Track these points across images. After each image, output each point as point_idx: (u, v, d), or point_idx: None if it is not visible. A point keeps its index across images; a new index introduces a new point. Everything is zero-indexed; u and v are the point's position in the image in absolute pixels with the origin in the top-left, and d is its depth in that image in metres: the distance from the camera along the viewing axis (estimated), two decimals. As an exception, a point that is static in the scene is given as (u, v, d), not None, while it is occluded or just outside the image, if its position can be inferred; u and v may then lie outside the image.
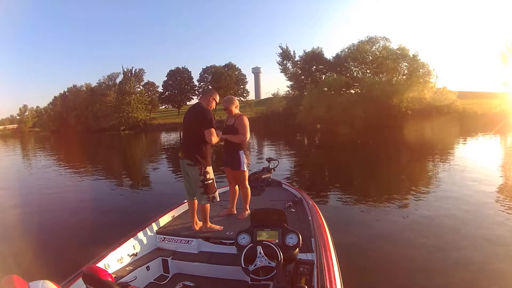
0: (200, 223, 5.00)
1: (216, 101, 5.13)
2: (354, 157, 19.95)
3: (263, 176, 7.89)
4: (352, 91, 45.58)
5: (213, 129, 4.73)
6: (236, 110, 5.57)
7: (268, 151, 25.73)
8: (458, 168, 13.98)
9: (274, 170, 8.35)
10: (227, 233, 4.76)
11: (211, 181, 4.82)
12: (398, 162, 17.94)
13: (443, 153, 19.12)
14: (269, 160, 8.58)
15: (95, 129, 70.46)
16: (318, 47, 51.04)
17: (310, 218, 4.95)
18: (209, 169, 4.84)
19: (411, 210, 8.94)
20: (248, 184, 5.77)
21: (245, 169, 5.54)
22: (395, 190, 11.39)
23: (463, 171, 13.21)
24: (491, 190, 10.32)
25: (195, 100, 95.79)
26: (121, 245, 4.28)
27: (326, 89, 44.30)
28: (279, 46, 51.71)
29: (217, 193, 4.92)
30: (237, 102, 5.65)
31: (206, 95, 5.13)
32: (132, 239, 4.48)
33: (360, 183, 12.78)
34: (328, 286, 2.99)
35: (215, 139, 4.80)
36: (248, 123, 5.48)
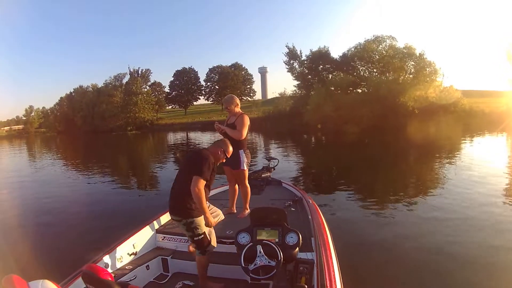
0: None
1: (226, 155, 4.50)
2: (359, 156, 19.84)
3: (263, 175, 7.88)
4: (359, 90, 45.53)
5: (201, 179, 3.89)
6: (237, 109, 5.60)
7: (274, 150, 25.68)
8: (465, 167, 13.83)
9: (274, 169, 8.35)
10: (227, 232, 4.76)
11: (202, 236, 4.04)
12: (404, 161, 17.83)
13: (450, 152, 18.99)
14: (269, 159, 8.60)
15: (101, 129, 70.85)
16: (324, 46, 50.79)
17: (310, 217, 4.95)
18: (199, 220, 4.02)
19: (413, 209, 8.89)
20: (248, 183, 5.79)
21: (245, 168, 5.57)
22: (398, 189, 11.35)
23: (469, 170, 13.03)
24: (497, 190, 10.21)
25: (202, 100, 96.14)
26: (120, 244, 4.30)
27: (333, 88, 44.33)
28: (286, 46, 51.50)
29: (211, 245, 4.15)
30: (238, 100, 5.67)
31: (216, 144, 4.50)
32: (132, 238, 4.49)
33: (362, 182, 12.69)
34: (328, 285, 2.98)
35: (198, 191, 3.84)
36: (247, 122, 5.51)
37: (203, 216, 4.03)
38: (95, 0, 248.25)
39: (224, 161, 4.58)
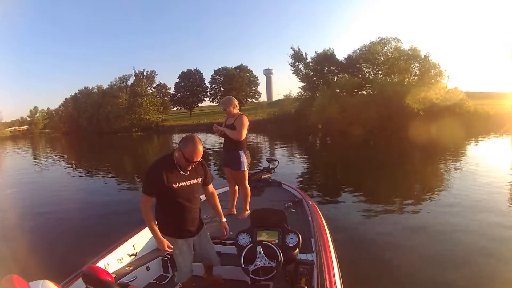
0: None
1: (185, 158, 3.45)
2: (363, 158, 19.81)
3: (263, 177, 7.95)
4: (364, 92, 45.43)
5: (143, 194, 3.50)
6: (235, 110, 5.59)
7: (278, 152, 25.60)
8: (470, 169, 13.80)
9: (274, 171, 8.38)
10: None
11: (170, 257, 3.79)
12: (408, 163, 17.71)
13: (455, 154, 18.93)
14: (269, 160, 8.65)
15: (107, 130, 70.86)
16: (329, 48, 50.50)
17: (310, 218, 4.97)
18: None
19: (415, 211, 8.84)
20: (248, 184, 5.80)
21: (245, 169, 5.57)
22: (400, 191, 11.31)
23: (474, 172, 12.97)
24: (502, 193, 10.16)
25: (207, 102, 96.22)
26: (121, 245, 4.31)
27: (338, 90, 44.27)
28: (291, 48, 51.07)
29: (181, 272, 3.70)
30: (236, 102, 5.66)
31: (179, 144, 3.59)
32: (132, 239, 4.51)
33: (364, 184, 12.66)
34: (328, 286, 3.01)
35: (141, 206, 3.54)
36: (247, 123, 5.50)
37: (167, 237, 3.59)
38: (98, 3, 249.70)
39: (189, 167, 3.57)
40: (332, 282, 3.12)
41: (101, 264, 3.86)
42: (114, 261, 4.12)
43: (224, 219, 4.07)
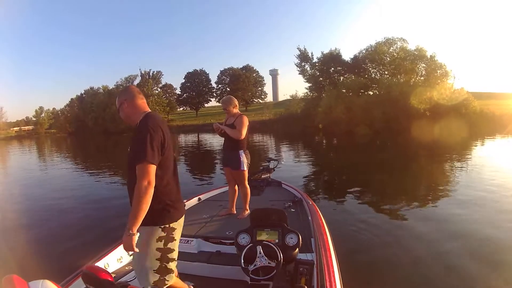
0: None
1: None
2: (368, 158, 19.71)
3: (263, 176, 7.96)
4: (371, 93, 45.50)
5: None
6: (235, 110, 5.61)
7: (282, 151, 25.40)
8: (476, 171, 13.61)
9: (274, 170, 8.42)
10: (227, 233, 4.76)
11: None
12: (413, 164, 17.54)
13: (461, 155, 18.80)
14: (269, 160, 8.71)
15: (112, 130, 70.75)
16: (335, 49, 50.62)
17: (310, 218, 4.96)
18: None
19: (416, 212, 8.71)
20: (248, 184, 5.80)
21: (245, 168, 5.57)
22: (402, 192, 11.20)
23: (481, 174, 12.79)
24: (508, 195, 10.06)
25: (213, 102, 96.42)
26: (121, 244, 4.30)
27: (344, 90, 44.38)
28: (297, 48, 51.20)
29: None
30: (236, 102, 5.69)
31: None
32: None
33: (366, 184, 12.47)
34: (328, 286, 3.00)
35: None
36: (247, 122, 5.51)
37: None
38: (103, 7, 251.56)
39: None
40: (332, 282, 3.11)
41: (101, 263, 3.85)
42: (114, 261, 4.10)
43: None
